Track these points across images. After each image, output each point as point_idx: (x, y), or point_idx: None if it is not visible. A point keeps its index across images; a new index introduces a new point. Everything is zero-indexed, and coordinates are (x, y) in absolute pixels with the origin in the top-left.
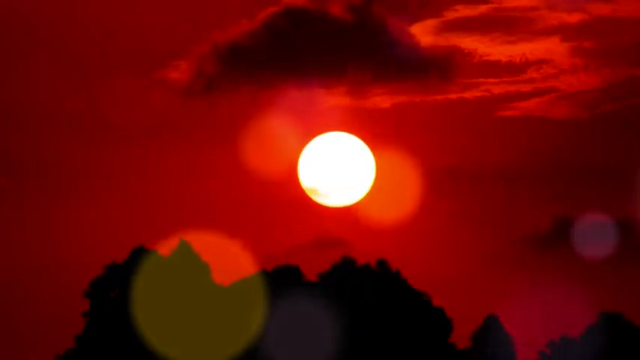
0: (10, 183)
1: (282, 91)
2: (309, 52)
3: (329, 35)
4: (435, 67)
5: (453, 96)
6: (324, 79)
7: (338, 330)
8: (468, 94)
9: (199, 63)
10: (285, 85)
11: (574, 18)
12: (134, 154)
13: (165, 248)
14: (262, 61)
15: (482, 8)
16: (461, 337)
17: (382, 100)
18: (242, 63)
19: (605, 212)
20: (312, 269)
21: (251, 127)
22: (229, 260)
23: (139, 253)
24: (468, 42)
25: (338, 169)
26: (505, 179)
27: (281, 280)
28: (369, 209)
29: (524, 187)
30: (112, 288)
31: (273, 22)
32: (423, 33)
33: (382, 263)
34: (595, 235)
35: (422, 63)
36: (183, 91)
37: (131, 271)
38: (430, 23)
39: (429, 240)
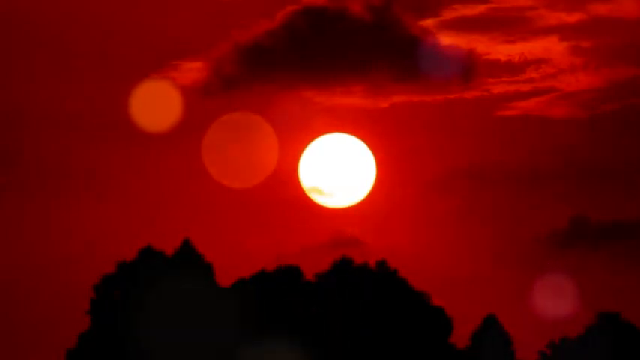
0: (15, 182)
1: (288, 92)
2: (326, 51)
3: (348, 35)
4: (457, 68)
5: (452, 96)
6: (341, 79)
7: (337, 330)
8: (467, 94)
9: (218, 62)
10: (302, 86)
11: (573, 17)
12: (146, 154)
13: (169, 248)
14: (280, 61)
15: (481, 8)
16: (461, 337)
17: (380, 99)
18: (261, 62)
19: (601, 212)
20: (313, 270)
21: (254, 127)
22: (229, 260)
23: (146, 254)
24: (467, 41)
25: (339, 170)
26: (504, 179)
27: (281, 281)
28: (370, 210)
29: (522, 187)
30: (118, 287)
31: (292, 21)
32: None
33: (381, 263)
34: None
35: (444, 64)
36: (201, 90)
37: (139, 271)
38: (429, 22)
39: (431, 240)
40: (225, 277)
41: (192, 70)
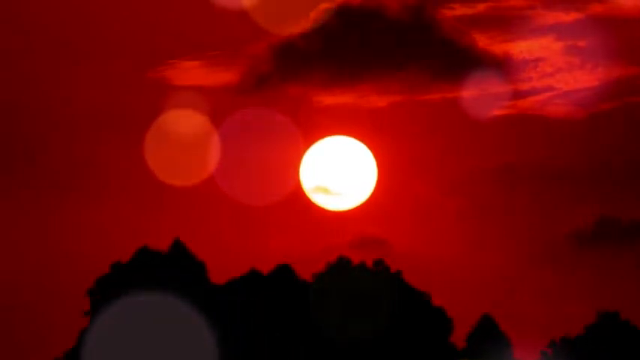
0: (9, 184)
1: (292, 92)
2: (360, 51)
3: (381, 34)
4: (493, 66)
5: (449, 95)
6: (374, 79)
7: (335, 330)
8: (465, 93)
9: (252, 61)
10: (330, 86)
11: (570, 17)
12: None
13: (164, 247)
14: (314, 61)
15: (480, 7)
16: (461, 337)
17: (378, 99)
18: (295, 62)
19: (604, 211)
20: (312, 270)
21: (256, 128)
22: (226, 259)
23: (143, 254)
24: (466, 40)
25: (339, 172)
26: (503, 179)
27: (275, 280)
28: (371, 211)
29: (522, 187)
30: (115, 288)
31: (326, 20)
32: None
33: (378, 262)
34: None
35: (480, 62)
36: (231, 90)
37: (134, 271)
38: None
39: (432, 240)
40: (221, 277)
41: (191, 68)
